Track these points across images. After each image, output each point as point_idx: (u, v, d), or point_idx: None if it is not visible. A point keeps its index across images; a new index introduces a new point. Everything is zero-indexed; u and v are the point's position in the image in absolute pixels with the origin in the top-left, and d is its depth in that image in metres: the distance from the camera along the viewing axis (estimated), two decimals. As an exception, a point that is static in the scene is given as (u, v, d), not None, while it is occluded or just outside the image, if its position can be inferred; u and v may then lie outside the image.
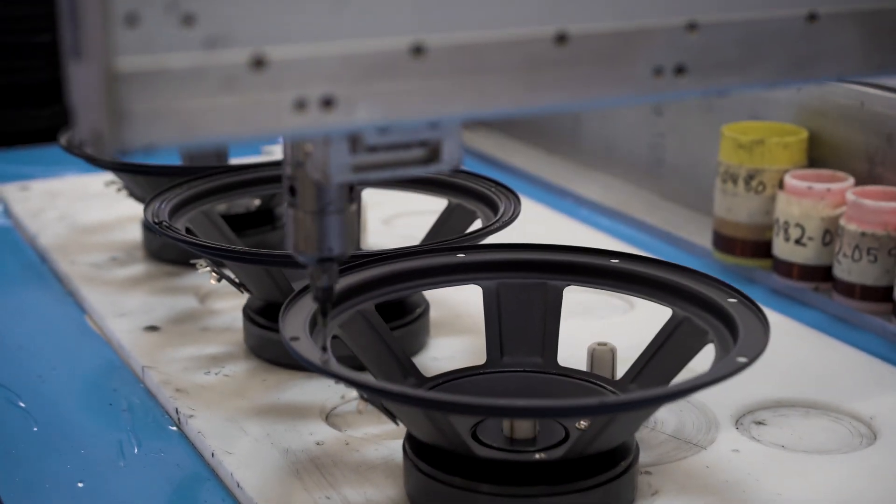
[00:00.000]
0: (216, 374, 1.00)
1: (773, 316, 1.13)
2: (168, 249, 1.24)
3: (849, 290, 1.14)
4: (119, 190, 1.28)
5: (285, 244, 0.75)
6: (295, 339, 0.78)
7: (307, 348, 0.77)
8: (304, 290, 0.84)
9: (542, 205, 1.47)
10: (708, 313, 0.85)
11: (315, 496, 0.82)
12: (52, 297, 1.21)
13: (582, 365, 0.92)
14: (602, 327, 1.10)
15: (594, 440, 0.77)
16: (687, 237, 1.35)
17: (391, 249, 0.94)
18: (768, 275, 1.22)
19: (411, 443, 0.81)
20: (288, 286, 0.99)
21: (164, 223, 1.00)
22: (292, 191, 0.72)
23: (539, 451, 0.80)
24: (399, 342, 0.88)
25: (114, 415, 0.97)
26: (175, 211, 1.06)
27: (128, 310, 1.14)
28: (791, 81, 0.67)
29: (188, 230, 1.05)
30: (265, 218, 1.26)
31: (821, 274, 1.18)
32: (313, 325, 0.82)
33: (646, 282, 0.90)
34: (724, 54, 0.66)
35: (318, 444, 0.89)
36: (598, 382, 0.88)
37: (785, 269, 1.20)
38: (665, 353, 0.86)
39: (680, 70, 0.65)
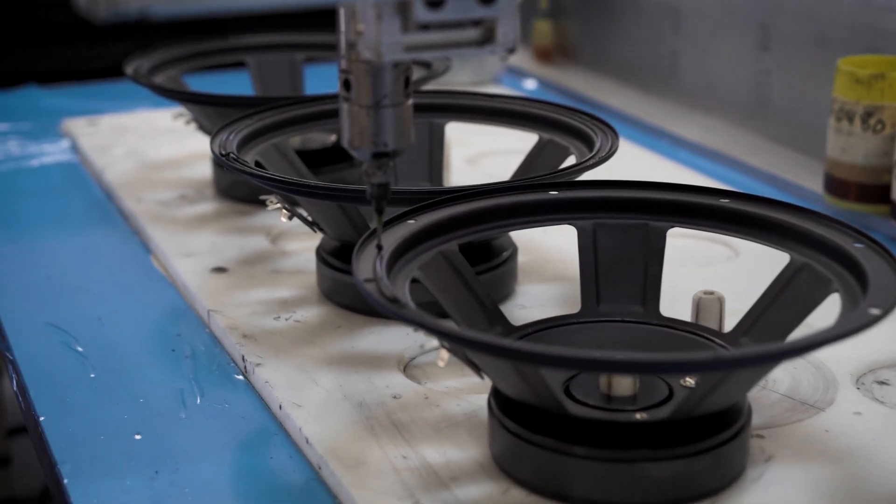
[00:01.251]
0: (286, 319, 0.93)
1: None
2: (239, 187, 1.17)
3: (978, 238, 1.04)
4: (188, 122, 1.21)
5: (340, 139, 0.72)
6: (369, 280, 0.70)
7: (382, 291, 0.69)
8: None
9: (638, 145, 1.37)
10: (831, 259, 0.76)
11: (390, 455, 0.75)
12: (117, 237, 1.15)
13: (686, 316, 0.84)
14: (706, 275, 1.01)
15: (703, 400, 0.68)
16: (795, 180, 1.25)
17: (476, 185, 0.85)
18: (886, 222, 1.12)
19: (497, 399, 0.73)
20: (364, 225, 0.91)
21: (231, 155, 0.92)
22: (347, 84, 0.70)
23: (640, 410, 0.72)
24: (483, 289, 0.80)
25: (176, 361, 0.90)
26: (244, 143, 0.99)
27: (195, 250, 1.07)
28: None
29: (258, 164, 0.98)
30: (343, 154, 1.18)
31: (946, 221, 1.08)
32: (391, 266, 0.74)
33: (760, 224, 0.81)
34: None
35: (394, 397, 0.81)
36: (706, 335, 0.79)
37: (905, 215, 1.10)
38: (782, 303, 0.77)
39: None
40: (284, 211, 0.94)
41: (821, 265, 0.76)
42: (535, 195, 0.84)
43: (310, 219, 0.94)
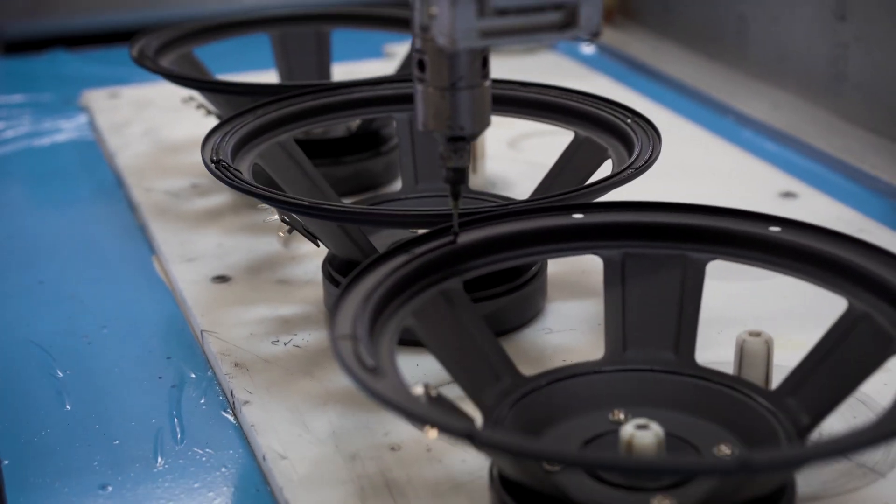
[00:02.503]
0: (285, 343, 0.84)
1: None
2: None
3: None
4: (198, 107, 1.11)
5: (416, 121, 0.69)
6: (344, 338, 0.61)
7: (359, 355, 0.59)
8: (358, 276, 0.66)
9: (695, 124, 1.25)
10: (894, 309, 0.65)
11: (379, 527, 0.66)
12: (121, 232, 1.06)
13: (724, 358, 0.73)
14: (749, 299, 0.89)
15: (731, 496, 0.58)
16: (871, 171, 1.12)
17: (484, 208, 0.75)
18: (971, 225, 1.00)
19: (500, 476, 0.63)
20: (367, 244, 0.81)
21: (223, 163, 0.82)
22: (421, 65, 0.67)
23: (662, 490, 0.62)
24: (490, 335, 0.69)
25: (161, 392, 0.81)
26: (247, 142, 0.89)
27: (198, 253, 0.97)
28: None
29: (257, 168, 0.88)
30: (367, 142, 1.08)
31: None
32: (380, 312, 0.64)
33: (814, 260, 0.69)
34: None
35: (392, 448, 0.72)
36: (747, 392, 0.68)
37: None
38: (837, 359, 0.66)
39: None
40: (282, 223, 0.84)
41: (884, 317, 0.65)
42: (555, 219, 0.74)
43: (310, 232, 0.84)
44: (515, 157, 1.17)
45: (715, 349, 0.78)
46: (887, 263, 0.67)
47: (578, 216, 0.74)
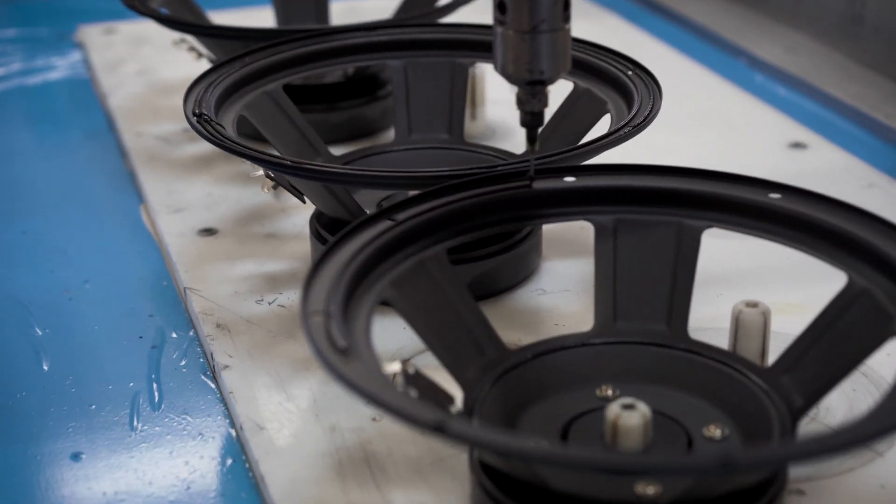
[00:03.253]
0: (269, 303, 0.81)
1: None
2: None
3: None
4: (190, 50, 1.08)
5: (494, 64, 0.67)
6: (317, 313, 0.58)
7: (331, 334, 0.57)
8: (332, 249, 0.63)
9: (706, 68, 1.21)
10: (896, 286, 0.62)
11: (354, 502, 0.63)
12: (109, 180, 1.03)
13: (721, 323, 0.70)
14: (749, 271, 0.85)
15: (716, 487, 0.55)
16: (885, 120, 1.08)
17: (472, 169, 0.72)
18: None
19: (480, 461, 0.60)
20: (353, 203, 0.78)
21: (205, 116, 0.79)
22: (501, 7, 0.65)
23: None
24: (474, 306, 0.67)
25: (141, 353, 0.79)
26: (233, 91, 0.86)
27: (187, 203, 0.95)
28: None
29: (242, 119, 0.85)
30: (362, 88, 1.05)
31: None
32: (357, 283, 0.62)
33: (815, 231, 0.66)
34: None
35: (374, 419, 0.70)
36: (740, 368, 0.66)
37: None
38: (834, 337, 0.63)
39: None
40: (267, 179, 0.81)
41: (884, 294, 0.62)
42: (544, 183, 0.70)
43: (296, 188, 0.81)
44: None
45: (712, 312, 0.76)
46: (891, 237, 0.64)
47: (570, 180, 0.71)
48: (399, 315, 0.64)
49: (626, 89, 0.84)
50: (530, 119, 0.69)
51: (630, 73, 0.85)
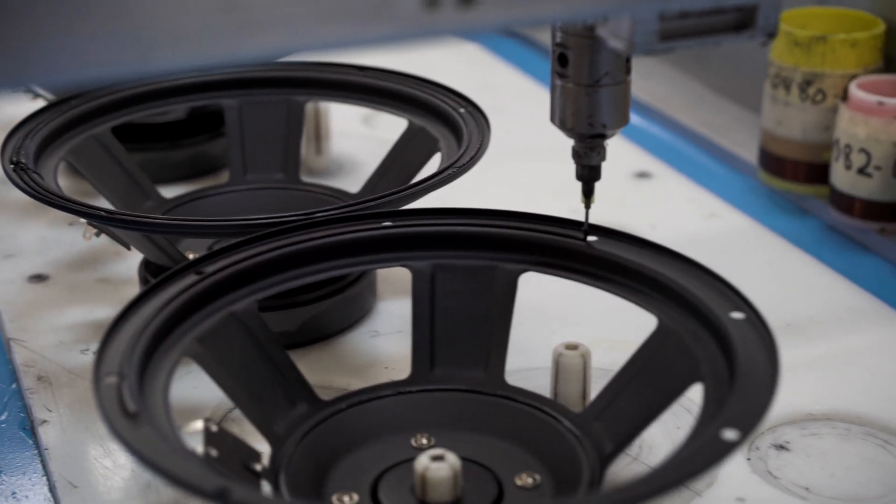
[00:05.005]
0: (94, 353, 0.79)
1: (817, 271, 0.90)
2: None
3: (923, 239, 0.89)
4: (26, 91, 1.06)
5: (551, 117, 0.66)
6: (111, 375, 0.57)
7: (122, 399, 0.55)
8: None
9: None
10: (703, 329, 0.62)
11: (163, 565, 0.62)
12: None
13: (545, 371, 0.70)
14: (575, 310, 0.84)
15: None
16: (732, 148, 1.09)
17: (288, 217, 0.71)
18: (825, 206, 0.97)
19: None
20: (175, 252, 0.77)
21: (21, 164, 0.77)
22: (563, 60, 0.64)
23: (457, 526, 0.59)
24: (286, 358, 0.66)
25: (-39, 408, 0.77)
26: (59, 135, 0.84)
27: (18, 249, 0.92)
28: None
29: (68, 164, 0.83)
30: (204, 125, 1.03)
31: (889, 212, 0.93)
32: (158, 344, 0.60)
33: (628, 274, 0.66)
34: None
35: (191, 473, 0.68)
36: (554, 415, 0.65)
37: (844, 202, 0.95)
38: (644, 382, 0.63)
39: None
40: (90, 227, 0.80)
41: (690, 336, 0.62)
42: (362, 229, 0.70)
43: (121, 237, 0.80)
44: (369, 134, 1.12)
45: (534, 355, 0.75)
46: (703, 281, 0.64)
47: (387, 224, 0.70)
48: (205, 372, 0.63)
49: (456, 127, 0.83)
50: (588, 173, 0.68)
51: (462, 110, 0.85)
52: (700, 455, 0.52)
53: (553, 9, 0.49)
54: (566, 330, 0.80)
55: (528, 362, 0.75)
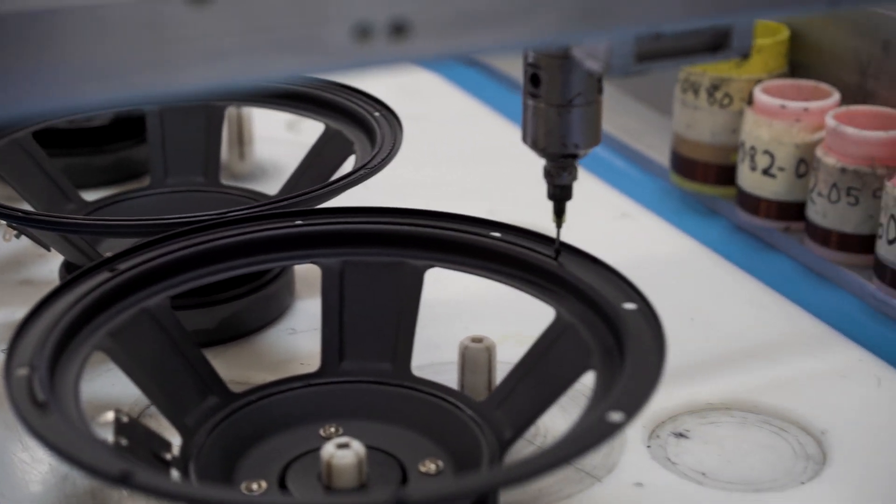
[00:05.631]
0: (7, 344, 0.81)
1: (725, 269, 0.93)
2: None
3: (823, 236, 0.92)
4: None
5: (522, 137, 0.67)
6: (23, 367, 0.59)
7: (32, 389, 0.57)
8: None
9: (471, 97, 1.24)
10: (598, 320, 0.64)
11: (78, 553, 0.64)
12: None
13: (455, 366, 0.73)
14: (482, 310, 0.87)
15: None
16: (645, 151, 1.12)
17: (200, 216, 0.73)
18: (733, 207, 1.01)
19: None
20: (94, 252, 0.79)
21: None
22: (535, 80, 0.64)
23: (363, 506, 0.61)
24: (198, 352, 0.68)
25: None
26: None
27: (-57, 251, 0.94)
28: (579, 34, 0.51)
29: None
30: (129, 131, 1.05)
31: (793, 212, 0.96)
32: (72, 337, 0.62)
33: (527, 268, 0.69)
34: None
35: (107, 466, 0.70)
36: (457, 404, 0.68)
37: (750, 203, 0.98)
38: (542, 371, 0.66)
39: (399, 29, 0.47)
40: (10, 229, 0.81)
41: (587, 328, 0.64)
42: (271, 227, 0.72)
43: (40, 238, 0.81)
44: (293, 139, 1.14)
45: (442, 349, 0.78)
46: (599, 274, 0.67)
47: (299, 222, 0.72)
48: (116, 365, 0.65)
49: (371, 130, 0.86)
50: (559, 192, 0.69)
51: (377, 114, 0.87)
52: (586, 436, 0.54)
53: (485, 40, 0.49)
54: (477, 326, 0.82)
55: (439, 357, 0.78)
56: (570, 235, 0.87)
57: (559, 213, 0.69)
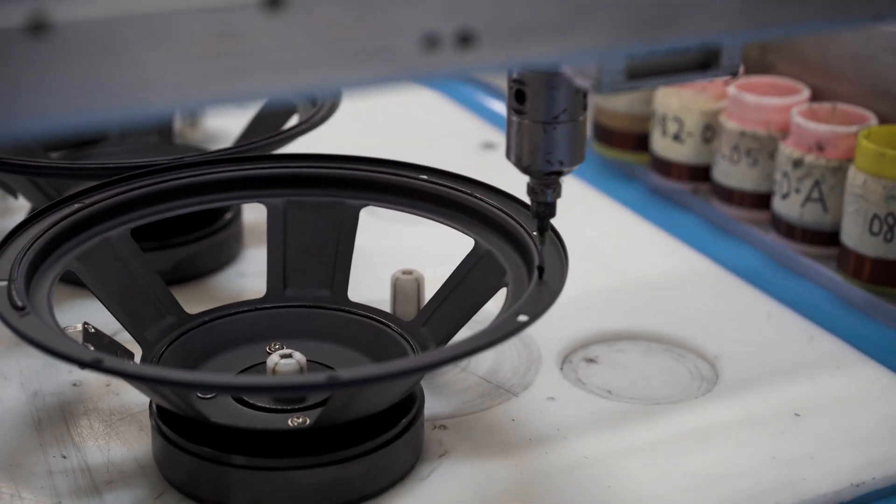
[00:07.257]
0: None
1: (644, 230, 1.02)
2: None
3: (726, 194, 1.02)
4: None
5: (506, 153, 0.66)
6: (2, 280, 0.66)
7: (11, 296, 0.65)
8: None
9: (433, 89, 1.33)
10: (511, 247, 0.73)
11: (50, 455, 0.71)
12: None
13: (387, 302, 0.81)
14: (419, 248, 0.96)
15: (343, 412, 0.65)
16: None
17: (162, 160, 0.81)
18: (648, 172, 1.10)
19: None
20: (58, 195, 0.86)
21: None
22: (520, 96, 0.64)
23: (303, 410, 0.69)
24: (157, 278, 0.75)
25: None
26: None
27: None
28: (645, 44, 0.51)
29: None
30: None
31: (701, 174, 1.06)
32: (45, 257, 0.70)
33: (452, 205, 0.77)
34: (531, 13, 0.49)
35: (74, 384, 0.78)
36: (386, 322, 0.76)
37: (662, 167, 1.07)
38: (462, 292, 0.74)
39: (465, 39, 0.48)
40: (-23, 176, 0.89)
41: (502, 253, 0.73)
42: (223, 171, 0.80)
43: (7, 184, 0.89)
44: (244, 112, 1.22)
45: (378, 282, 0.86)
46: (510, 207, 0.75)
47: (248, 167, 0.81)
48: (85, 284, 0.72)
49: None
50: (544, 210, 0.68)
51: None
52: (497, 331, 0.63)
53: (552, 49, 0.49)
54: (412, 265, 0.90)
55: (376, 296, 0.86)
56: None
57: (542, 231, 0.69)
